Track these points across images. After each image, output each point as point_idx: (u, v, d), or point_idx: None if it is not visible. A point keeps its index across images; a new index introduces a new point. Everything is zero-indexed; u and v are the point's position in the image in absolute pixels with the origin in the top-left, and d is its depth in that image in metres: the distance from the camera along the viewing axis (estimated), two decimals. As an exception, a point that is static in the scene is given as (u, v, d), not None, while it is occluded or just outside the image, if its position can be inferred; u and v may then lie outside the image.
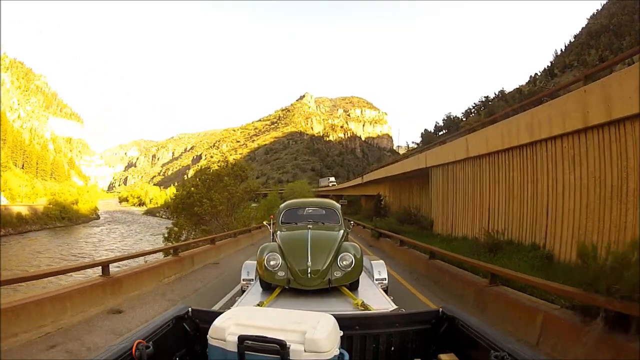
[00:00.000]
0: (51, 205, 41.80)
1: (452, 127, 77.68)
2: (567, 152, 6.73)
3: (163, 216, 66.66)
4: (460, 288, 5.92)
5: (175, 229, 16.43)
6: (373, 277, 4.10)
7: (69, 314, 4.71)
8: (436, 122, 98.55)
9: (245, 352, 1.28)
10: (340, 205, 4.87)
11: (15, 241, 28.99)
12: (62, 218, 41.64)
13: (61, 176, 71.58)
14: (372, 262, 4.36)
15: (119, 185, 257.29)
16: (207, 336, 1.42)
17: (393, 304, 2.99)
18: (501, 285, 4.99)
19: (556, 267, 4.49)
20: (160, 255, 9.76)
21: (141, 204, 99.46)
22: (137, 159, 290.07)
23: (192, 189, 16.43)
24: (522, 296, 4.46)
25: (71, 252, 24.40)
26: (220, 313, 1.54)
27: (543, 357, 1.49)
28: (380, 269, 4.23)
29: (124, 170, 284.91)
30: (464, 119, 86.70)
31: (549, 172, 7.35)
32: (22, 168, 56.94)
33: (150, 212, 76.70)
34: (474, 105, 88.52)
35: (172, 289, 6.83)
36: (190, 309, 1.84)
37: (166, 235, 16.47)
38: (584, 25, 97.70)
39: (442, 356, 1.64)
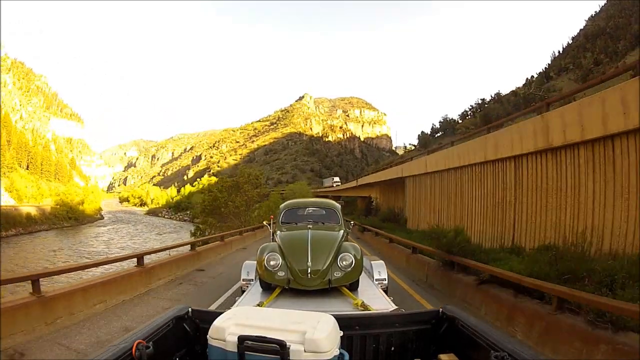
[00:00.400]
0: (58, 206, 43.06)
1: (448, 129, 79.35)
2: (477, 175, 10.10)
3: (165, 216, 67.98)
4: (397, 255, 10.27)
5: (202, 226, 19.99)
6: (373, 277, 4.12)
7: (120, 296, 6.10)
8: (432, 124, 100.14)
9: (245, 352, 1.29)
10: (340, 205, 4.91)
11: (28, 240, 30.21)
12: (69, 218, 42.88)
13: (64, 177, 72.71)
14: (372, 262, 4.39)
15: (119, 185, 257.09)
16: (207, 336, 1.43)
17: (393, 304, 2.99)
18: (419, 254, 8.88)
19: (466, 247, 6.77)
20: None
21: (142, 204, 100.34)
22: (137, 159, 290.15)
23: (219, 194, 19.69)
24: (422, 257, 8.51)
25: (86, 250, 25.69)
26: (220, 313, 1.55)
27: (543, 357, 1.55)
28: (380, 269, 4.25)
29: (124, 171, 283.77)
30: (460, 121, 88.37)
31: (468, 187, 10.69)
32: (27, 169, 58.04)
33: (152, 212, 77.85)
34: (471, 107, 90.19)
35: (190, 278, 8.22)
36: (190, 309, 1.85)
37: (193, 231, 20.52)
38: (581, 27, 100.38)
39: (442, 356, 1.64)
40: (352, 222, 5.46)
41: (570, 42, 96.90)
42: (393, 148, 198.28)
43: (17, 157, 57.39)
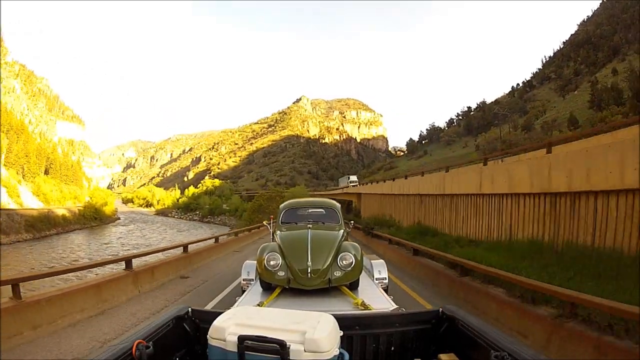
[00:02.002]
0: (85, 208, 48.46)
1: (434, 137, 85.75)
2: (406, 201, 15.86)
3: (175, 216, 72.63)
4: (375, 244, 13.45)
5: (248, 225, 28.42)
6: (373, 277, 4.12)
7: (176, 272, 8.34)
8: (420, 131, 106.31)
9: (245, 352, 1.29)
10: (340, 205, 4.88)
11: (74, 237, 35.89)
12: (95, 218, 48.16)
13: (78, 180, 77.66)
14: (372, 261, 4.41)
15: (118, 186, 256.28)
16: (207, 336, 1.43)
17: (393, 304, 2.98)
18: (394, 244, 12.33)
19: (386, 223, 13.63)
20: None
21: (148, 205, 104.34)
22: (136, 160, 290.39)
23: (262, 202, 29.98)
24: (384, 237, 12.90)
25: (129, 243, 31.50)
26: (220, 313, 1.55)
27: (543, 357, 1.39)
28: (380, 269, 4.26)
29: (123, 171, 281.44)
30: (447, 127, 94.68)
31: (405, 207, 16.02)
32: (47, 174, 62.95)
33: (161, 213, 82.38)
34: (457, 114, 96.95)
35: (224, 259, 11.02)
36: (190, 309, 1.85)
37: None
38: (572, 33, 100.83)
39: (442, 356, 1.65)
40: (352, 222, 5.43)
41: (561, 46, 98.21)
42: (389, 149, 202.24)
43: (37, 163, 62.32)
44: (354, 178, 50.86)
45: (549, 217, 6.48)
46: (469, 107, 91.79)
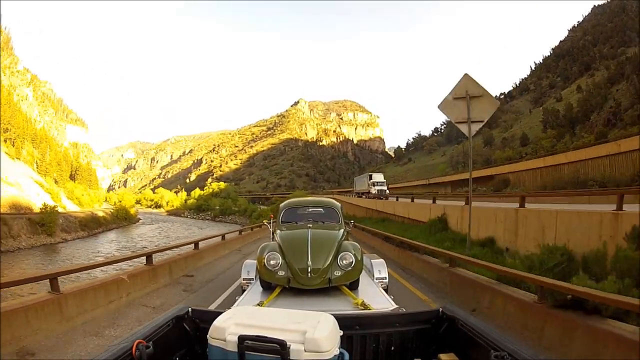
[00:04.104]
0: (118, 209, 56.29)
1: (419, 145, 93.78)
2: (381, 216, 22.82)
3: (188, 216, 79.96)
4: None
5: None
6: (373, 276, 4.13)
7: (211, 257, 10.43)
8: (408, 139, 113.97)
9: (246, 352, 1.29)
10: (340, 205, 4.87)
11: (119, 234, 43.73)
12: (124, 219, 55.63)
13: (95, 183, 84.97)
14: (372, 261, 4.42)
15: (119, 187, 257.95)
16: (207, 336, 1.44)
17: (393, 304, 2.99)
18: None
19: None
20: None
21: (157, 206, 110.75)
22: (136, 161, 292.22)
23: (279, 203, 40.29)
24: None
25: (166, 236, 39.50)
26: (220, 313, 1.56)
27: (543, 357, 1.43)
28: (380, 268, 4.27)
29: (123, 173, 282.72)
30: (432, 136, 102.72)
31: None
32: (73, 179, 70.21)
33: (174, 213, 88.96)
34: (442, 123, 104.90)
35: (240, 249, 13.17)
36: (190, 309, 1.85)
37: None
38: (562, 39, 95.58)
39: (442, 356, 1.65)
40: (352, 222, 5.41)
41: (549, 53, 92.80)
42: (386, 150, 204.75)
43: (65, 169, 69.67)
44: (379, 178, 32.60)
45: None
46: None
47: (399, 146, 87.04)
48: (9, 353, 3.64)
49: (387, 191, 30.26)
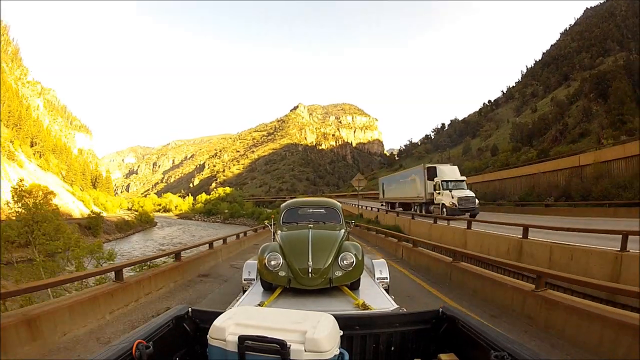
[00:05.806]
0: (141, 214, 63.00)
1: (410, 151, 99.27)
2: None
3: (199, 219, 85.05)
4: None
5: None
6: (374, 277, 4.13)
7: (229, 254, 11.96)
8: (400, 146, 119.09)
9: (246, 352, 1.30)
10: (340, 205, 4.90)
11: (152, 234, 50.26)
12: (146, 222, 62.03)
13: (111, 190, 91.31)
14: (373, 261, 4.42)
15: (122, 192, 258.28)
16: (207, 336, 1.44)
17: (394, 304, 2.99)
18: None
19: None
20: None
21: (166, 210, 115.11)
22: (138, 166, 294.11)
23: None
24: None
25: (192, 235, 45.67)
26: (221, 313, 1.56)
27: (543, 357, 1.34)
28: (381, 268, 4.26)
29: (125, 177, 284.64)
30: (424, 142, 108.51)
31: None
32: (94, 187, 76.50)
33: (184, 217, 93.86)
34: (433, 130, 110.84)
35: (255, 244, 15.17)
36: (190, 309, 1.86)
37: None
38: (552, 43, 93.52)
39: (442, 356, 1.66)
40: (352, 222, 5.44)
41: (540, 57, 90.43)
42: (385, 152, 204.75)
43: (87, 178, 75.99)
44: (454, 173, 19.23)
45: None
46: (443, 124, 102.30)
47: (392, 152, 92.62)
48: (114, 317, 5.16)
49: (476, 199, 17.37)
